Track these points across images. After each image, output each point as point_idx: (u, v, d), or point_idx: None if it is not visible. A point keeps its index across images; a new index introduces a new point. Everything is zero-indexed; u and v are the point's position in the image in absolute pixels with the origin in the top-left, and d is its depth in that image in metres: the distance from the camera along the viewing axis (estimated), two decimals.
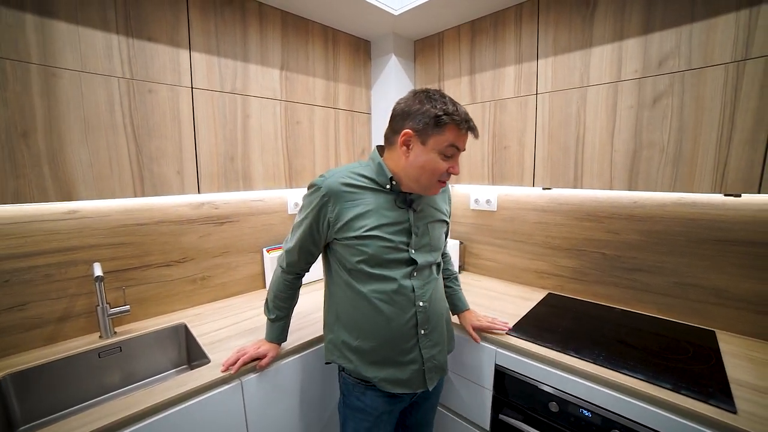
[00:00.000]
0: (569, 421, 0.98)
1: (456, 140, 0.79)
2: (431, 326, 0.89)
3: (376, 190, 0.85)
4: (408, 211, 0.87)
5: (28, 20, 0.86)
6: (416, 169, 0.81)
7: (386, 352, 0.86)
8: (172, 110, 1.10)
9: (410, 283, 0.86)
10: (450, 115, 0.77)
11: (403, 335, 0.86)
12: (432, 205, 0.92)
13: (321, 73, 1.49)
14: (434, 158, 0.79)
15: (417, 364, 0.88)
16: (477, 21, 1.41)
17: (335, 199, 0.82)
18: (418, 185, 0.84)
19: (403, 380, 0.87)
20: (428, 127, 0.78)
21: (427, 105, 0.78)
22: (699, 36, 0.93)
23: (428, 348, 0.89)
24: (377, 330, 0.85)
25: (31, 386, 0.97)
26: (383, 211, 0.84)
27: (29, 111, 0.88)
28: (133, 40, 1.01)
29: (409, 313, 0.86)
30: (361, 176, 0.85)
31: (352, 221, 0.83)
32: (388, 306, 0.84)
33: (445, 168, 0.81)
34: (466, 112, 0.80)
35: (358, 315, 0.86)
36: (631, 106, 1.06)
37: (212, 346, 1.06)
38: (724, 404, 0.78)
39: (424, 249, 0.89)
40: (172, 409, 0.84)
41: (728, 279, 1.11)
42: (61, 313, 1.08)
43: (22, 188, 0.88)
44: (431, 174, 0.81)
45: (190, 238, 1.32)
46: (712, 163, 0.94)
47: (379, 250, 0.83)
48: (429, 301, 0.88)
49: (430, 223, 0.90)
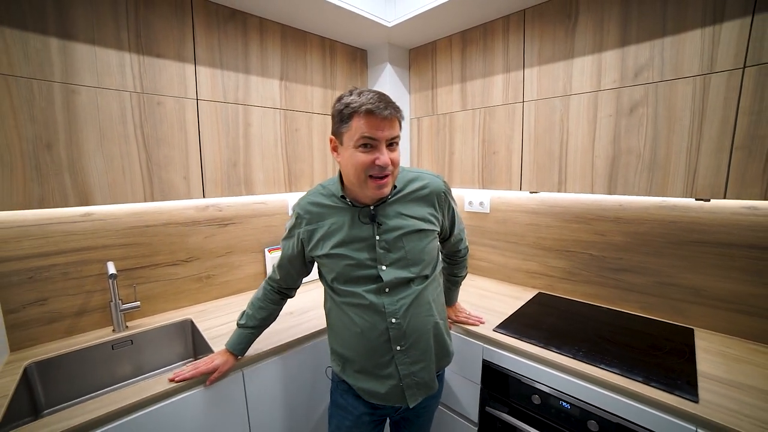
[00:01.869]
0: (550, 412, 1.04)
1: (366, 129, 0.72)
2: (409, 342, 0.83)
3: (342, 208, 0.84)
4: (372, 225, 0.82)
5: (52, 43, 0.95)
6: (346, 170, 0.79)
7: (364, 363, 0.85)
8: (179, 120, 1.19)
9: (380, 299, 0.81)
10: (349, 106, 0.73)
11: (377, 349, 0.83)
12: (408, 214, 0.84)
13: (319, 81, 1.56)
14: (353, 153, 0.75)
15: (394, 379, 0.84)
16: (468, 31, 1.47)
17: (306, 219, 0.86)
18: (356, 187, 0.80)
19: (381, 394, 0.85)
20: (339, 126, 0.76)
21: (336, 105, 0.77)
22: (670, 50, 0.98)
23: (406, 365, 0.84)
24: (354, 341, 0.85)
25: (53, 374, 1.06)
26: (347, 229, 0.82)
27: (52, 125, 0.97)
28: (144, 57, 1.10)
29: (381, 328, 0.82)
30: (328, 195, 0.86)
31: (320, 241, 0.85)
32: (361, 320, 0.83)
33: (368, 160, 0.74)
34: (372, 98, 0.73)
35: (339, 324, 0.88)
36: (610, 114, 1.12)
37: (216, 340, 1.13)
38: (688, 394, 0.84)
39: (398, 264, 0.82)
40: (179, 396, 0.91)
41: (705, 279, 1.16)
42: (77, 308, 1.17)
43: (46, 195, 0.97)
44: (357, 170, 0.76)
45: (195, 239, 1.40)
46: (683, 169, 0.99)
47: (345, 268, 0.82)
48: (403, 318, 0.82)
49: (404, 236, 0.83)
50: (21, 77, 0.91)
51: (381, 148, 0.75)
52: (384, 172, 0.76)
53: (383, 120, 0.73)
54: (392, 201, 0.85)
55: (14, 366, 1.00)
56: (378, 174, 0.76)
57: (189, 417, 0.93)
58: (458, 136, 1.55)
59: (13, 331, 1.06)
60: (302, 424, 1.21)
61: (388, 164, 0.75)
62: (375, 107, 0.72)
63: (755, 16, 0.85)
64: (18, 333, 1.07)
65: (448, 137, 1.59)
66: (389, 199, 0.84)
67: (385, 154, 0.75)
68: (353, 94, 0.75)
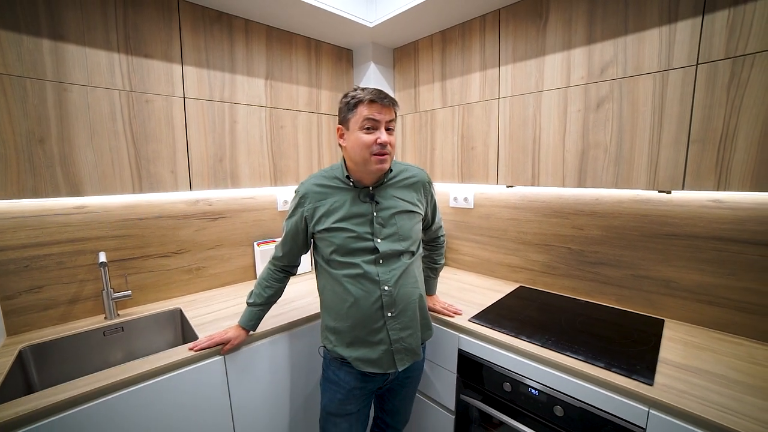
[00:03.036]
0: (520, 399, 1.07)
1: (369, 113, 0.89)
2: (398, 309, 0.95)
3: (344, 189, 0.98)
4: (371, 204, 0.96)
5: (44, 44, 1.01)
6: (351, 151, 0.93)
7: (358, 332, 0.95)
8: (167, 117, 1.25)
9: (375, 269, 0.94)
10: (355, 97, 0.90)
11: (370, 316, 0.94)
12: (400, 197, 1.00)
13: (304, 80, 1.62)
14: (358, 135, 0.91)
15: (385, 344, 0.95)
16: (447, 31, 1.52)
17: (310, 198, 0.98)
18: (361, 166, 0.94)
19: (373, 359, 0.95)
20: (347, 114, 0.92)
21: (343, 99, 0.94)
22: (632, 47, 1.02)
23: (396, 330, 0.95)
24: (349, 310, 0.95)
25: (46, 357, 1.12)
26: (348, 206, 0.96)
27: (45, 120, 1.03)
28: (132, 57, 1.16)
29: (375, 296, 0.94)
30: (331, 177, 1.00)
31: (323, 216, 0.97)
32: (356, 288, 0.94)
33: (371, 139, 0.89)
34: (374, 90, 0.90)
35: (334, 298, 0.98)
36: (579, 109, 1.15)
37: (202, 327, 1.19)
38: (644, 378, 0.87)
39: (391, 238, 0.96)
40: (166, 375, 0.97)
41: (675, 271, 1.18)
42: (71, 296, 1.23)
43: (38, 185, 1.03)
44: (361, 149, 0.91)
45: (186, 232, 1.46)
46: (646, 162, 1.03)
47: (345, 240, 0.94)
48: (395, 286, 0.95)
49: (397, 214, 0.98)
50: (15, 76, 0.98)
51: (381, 129, 0.90)
52: (384, 150, 0.91)
53: (383, 106, 0.90)
54: (388, 184, 1.00)
55: (9, 348, 1.06)
56: (379, 151, 0.90)
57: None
58: (439, 133, 1.59)
59: (10, 316, 1.13)
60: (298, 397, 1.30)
61: (387, 142, 0.90)
62: (376, 97, 0.89)
63: (705, 16, 0.89)
64: (14, 318, 1.13)
65: (429, 133, 1.64)
66: (386, 181, 1.00)
67: (384, 134, 0.90)
68: (357, 90, 0.92)
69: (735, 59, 0.86)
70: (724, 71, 0.88)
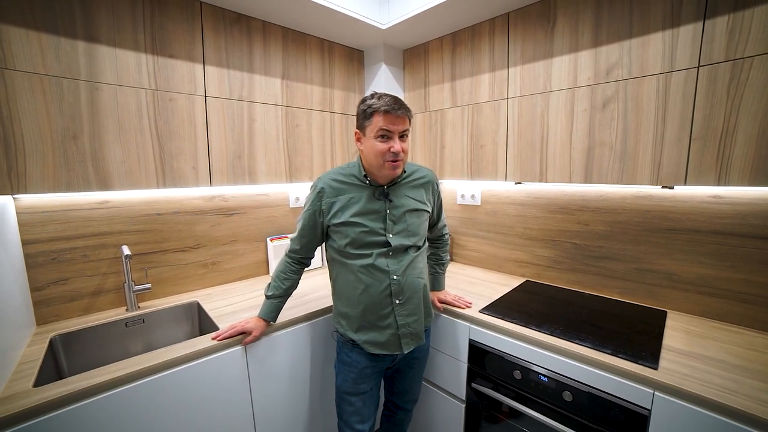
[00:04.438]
0: (530, 386, 1.12)
1: (384, 124, 0.94)
2: (405, 297, 1.03)
3: (360, 186, 1.04)
4: (385, 201, 1.03)
5: (79, 46, 1.06)
6: (368, 156, 1.00)
7: (368, 317, 1.03)
8: (189, 115, 1.30)
9: (385, 261, 1.02)
10: (371, 106, 0.95)
11: (380, 302, 1.02)
12: (411, 197, 1.07)
13: (318, 81, 1.67)
14: (373, 143, 0.97)
15: (392, 329, 1.03)
16: (457, 33, 1.57)
17: (327, 193, 1.03)
18: (375, 169, 1.00)
19: (381, 342, 1.04)
20: (363, 121, 0.98)
21: (361, 106, 0.99)
22: (636, 50, 1.07)
23: (403, 316, 1.04)
24: (360, 297, 1.02)
25: (73, 346, 1.16)
26: (363, 203, 1.02)
27: (78, 118, 1.08)
28: (158, 58, 1.21)
29: (384, 284, 1.01)
30: (348, 174, 1.05)
31: (339, 211, 1.02)
32: (367, 277, 1.01)
33: (385, 148, 0.96)
34: (389, 101, 0.94)
35: (346, 285, 1.05)
36: (585, 109, 1.20)
37: (222, 318, 1.24)
38: (649, 363, 0.92)
39: (402, 234, 1.03)
40: (189, 363, 1.01)
41: (677, 264, 1.24)
42: (94, 288, 1.28)
43: (72, 180, 1.08)
44: (376, 156, 0.97)
45: (202, 227, 1.50)
46: (650, 159, 1.08)
47: (359, 234, 1.00)
48: (402, 276, 1.02)
49: (407, 212, 1.05)
50: (53, 76, 1.03)
51: (395, 138, 0.96)
52: (397, 157, 0.97)
53: (397, 117, 0.95)
54: (401, 184, 1.06)
55: (42, 337, 1.10)
56: (392, 159, 0.97)
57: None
58: (449, 131, 1.64)
59: (39, 307, 1.17)
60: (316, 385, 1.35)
61: (399, 151, 0.97)
62: (391, 108, 0.94)
63: (705, 21, 0.94)
64: (43, 309, 1.18)
65: (439, 132, 1.69)
66: (399, 181, 1.06)
67: (397, 143, 0.96)
68: (374, 98, 0.96)
69: (735, 62, 0.91)
70: (724, 73, 0.93)
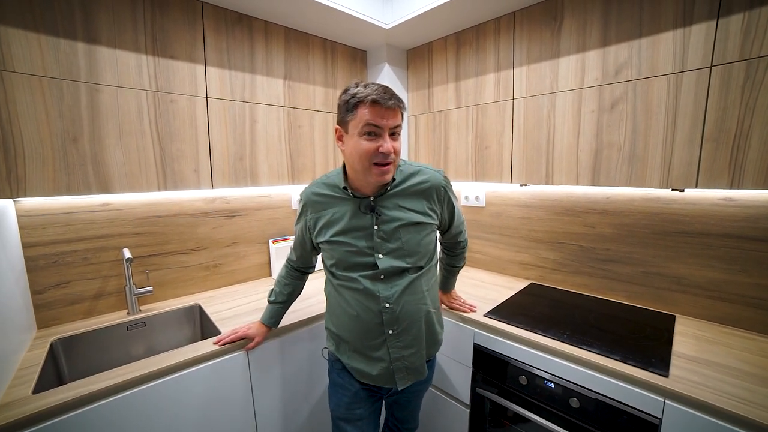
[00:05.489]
0: (536, 392, 1.10)
1: (371, 118, 0.76)
2: (401, 327, 0.88)
3: (343, 198, 0.89)
4: (372, 216, 0.86)
5: (79, 47, 1.05)
6: (351, 158, 0.83)
7: (357, 344, 0.90)
8: (190, 117, 1.28)
9: (375, 285, 0.86)
10: (355, 96, 0.77)
11: (370, 331, 0.88)
12: (407, 207, 0.88)
13: (321, 81, 1.65)
14: (357, 141, 0.79)
15: (384, 362, 0.88)
16: (461, 33, 1.55)
17: (311, 207, 0.93)
18: (360, 174, 0.84)
19: (371, 375, 0.90)
20: (345, 115, 0.80)
21: (342, 96, 0.81)
22: (646, 50, 1.05)
23: (397, 348, 0.88)
24: (350, 322, 0.90)
25: (75, 350, 1.15)
26: (348, 219, 0.87)
27: (78, 120, 1.07)
28: (159, 59, 1.19)
29: (374, 312, 0.87)
30: (331, 185, 0.91)
31: (322, 228, 0.91)
32: (357, 303, 0.88)
33: (372, 148, 0.78)
34: (377, 89, 0.77)
35: (337, 307, 0.93)
36: (592, 110, 1.18)
37: (223, 322, 1.22)
38: (659, 370, 0.90)
39: (394, 254, 0.86)
40: (191, 368, 1.00)
41: (686, 268, 1.21)
42: (95, 291, 1.27)
43: (72, 183, 1.07)
44: (361, 158, 0.80)
45: (204, 229, 1.49)
46: (660, 161, 1.05)
47: (344, 254, 0.87)
48: (396, 303, 0.86)
49: (401, 227, 0.86)
50: (53, 78, 1.01)
51: (384, 136, 0.79)
52: (387, 160, 0.80)
53: (387, 109, 0.77)
54: (392, 193, 0.88)
55: (42, 341, 1.09)
56: (381, 161, 0.80)
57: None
58: (453, 132, 1.62)
59: (40, 310, 1.16)
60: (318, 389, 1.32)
61: (390, 152, 0.79)
62: (380, 97, 0.76)
63: (719, 19, 0.92)
64: (44, 312, 1.17)
65: (443, 133, 1.67)
66: (389, 190, 0.88)
67: (388, 142, 0.79)
68: (359, 86, 0.79)
69: (750, 61, 0.89)
70: (738, 73, 0.91)
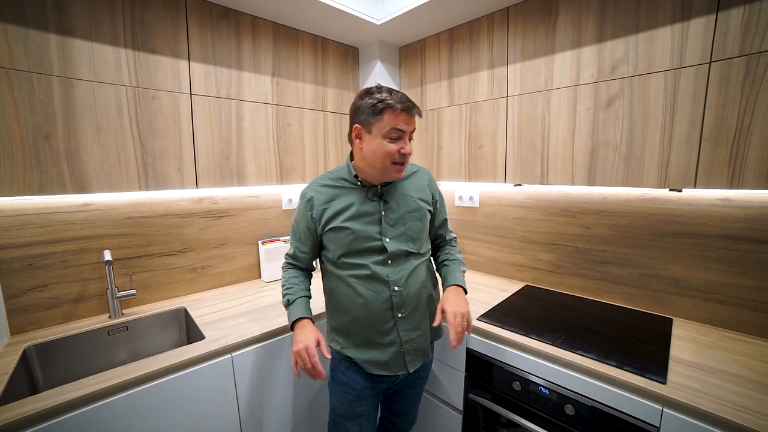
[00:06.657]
0: (530, 398, 1.07)
1: (396, 123, 0.87)
2: (408, 310, 0.95)
3: (351, 188, 0.96)
4: (379, 203, 0.95)
5: (51, 39, 1.00)
6: (370, 157, 0.91)
7: (367, 333, 0.94)
8: (173, 114, 1.24)
9: (384, 269, 0.93)
10: (383, 101, 0.86)
11: (380, 317, 0.93)
12: (410, 195, 0.98)
13: (311, 78, 1.61)
14: (381, 143, 0.88)
15: (396, 346, 0.94)
16: (455, 29, 1.51)
17: (316, 199, 0.97)
18: (377, 171, 0.92)
19: (383, 362, 0.94)
20: (370, 117, 0.88)
21: (367, 99, 0.89)
22: (643, 45, 1.02)
23: (406, 331, 0.95)
24: (358, 311, 0.93)
25: (50, 357, 1.10)
26: (356, 205, 0.94)
27: (51, 116, 1.02)
28: (139, 53, 1.15)
29: (384, 296, 0.93)
30: (337, 179, 0.98)
31: (331, 216, 0.95)
32: (365, 289, 0.93)
33: (395, 149, 0.88)
34: (402, 97, 0.87)
35: (343, 298, 0.96)
36: (588, 108, 1.15)
37: (207, 326, 1.18)
38: (657, 377, 0.87)
39: (400, 238, 0.95)
40: (175, 374, 0.96)
41: (684, 270, 1.18)
42: (75, 294, 1.22)
43: (45, 182, 1.02)
44: (383, 157, 0.89)
45: (190, 230, 1.45)
46: (657, 160, 1.02)
47: (353, 240, 0.92)
48: (404, 286, 0.93)
49: (406, 214, 0.96)
50: (22, 71, 0.96)
51: (406, 139, 0.90)
52: (405, 159, 0.92)
53: (411, 117, 0.89)
54: (397, 182, 0.98)
55: (14, 348, 1.04)
56: (400, 161, 0.91)
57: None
58: (446, 131, 1.59)
59: (14, 315, 1.11)
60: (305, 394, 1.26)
61: (410, 153, 0.91)
62: (407, 106, 0.87)
63: (719, 13, 0.89)
64: (18, 317, 1.12)
65: (436, 132, 1.63)
66: (394, 179, 0.97)
67: (408, 145, 0.91)
68: (383, 92, 0.88)
69: (750, 56, 0.86)
70: (738, 69, 0.88)
